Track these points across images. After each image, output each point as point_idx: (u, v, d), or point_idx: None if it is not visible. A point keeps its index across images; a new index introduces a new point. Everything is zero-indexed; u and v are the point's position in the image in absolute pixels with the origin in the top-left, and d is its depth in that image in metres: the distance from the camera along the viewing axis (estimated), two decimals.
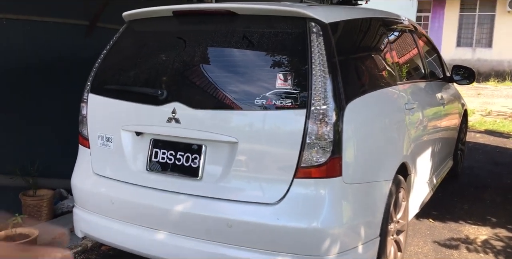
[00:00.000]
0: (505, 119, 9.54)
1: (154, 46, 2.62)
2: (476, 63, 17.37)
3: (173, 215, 2.34)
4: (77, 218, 2.78)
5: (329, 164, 2.12)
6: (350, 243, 2.24)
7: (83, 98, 2.71)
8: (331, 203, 2.15)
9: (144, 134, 2.47)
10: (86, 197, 2.70)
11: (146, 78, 2.54)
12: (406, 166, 2.87)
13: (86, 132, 2.70)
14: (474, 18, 18.00)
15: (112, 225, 2.55)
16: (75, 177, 2.76)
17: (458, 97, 4.89)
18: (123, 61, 2.67)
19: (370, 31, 2.81)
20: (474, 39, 18.12)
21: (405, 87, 3.07)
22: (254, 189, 2.21)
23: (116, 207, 2.52)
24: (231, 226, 2.20)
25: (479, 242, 3.53)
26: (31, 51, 3.68)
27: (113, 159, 2.57)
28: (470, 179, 5.22)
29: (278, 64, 2.23)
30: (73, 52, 3.84)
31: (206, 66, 2.38)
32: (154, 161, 2.43)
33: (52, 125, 3.93)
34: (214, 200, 2.27)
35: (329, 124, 2.11)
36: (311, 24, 2.23)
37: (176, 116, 2.32)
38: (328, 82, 2.13)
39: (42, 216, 3.67)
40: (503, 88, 15.69)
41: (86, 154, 2.72)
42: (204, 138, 2.29)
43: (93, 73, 2.70)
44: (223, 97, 2.26)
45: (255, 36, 2.30)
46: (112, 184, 2.57)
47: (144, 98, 2.45)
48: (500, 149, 6.81)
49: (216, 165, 2.29)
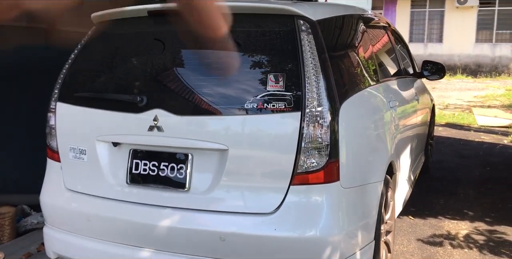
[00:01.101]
0: (462, 111, 9.80)
1: (129, 49, 2.43)
2: (428, 58, 17.80)
3: (158, 231, 2.17)
4: (48, 238, 2.54)
5: (327, 168, 2.01)
6: (349, 250, 2.14)
7: (50, 108, 2.48)
8: (329, 209, 2.04)
9: (122, 144, 2.28)
10: (58, 215, 2.47)
11: (122, 83, 2.34)
12: (392, 165, 2.81)
13: (55, 144, 2.47)
14: (424, 14, 18.50)
15: (90, 244, 2.35)
16: (45, 193, 2.53)
17: (427, 92, 4.92)
18: (94, 66, 2.46)
19: (353, 28, 2.72)
20: (426, 34, 18.63)
21: (387, 84, 3.01)
22: (247, 199, 2.07)
23: (93, 224, 2.32)
24: (224, 239, 2.05)
25: (461, 237, 3.53)
26: None
27: (88, 172, 2.36)
28: (441, 173, 5.27)
29: (267, 65, 2.09)
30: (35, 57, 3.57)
31: (189, 69, 2.22)
32: (135, 173, 2.24)
33: (12, 136, 3.65)
34: (204, 212, 2.12)
35: (325, 127, 2.00)
36: (300, 21, 2.11)
37: (158, 124, 2.15)
38: (322, 82, 2.02)
39: (5, 236, 3.39)
40: (456, 81, 16.20)
41: (56, 168, 2.49)
42: (190, 146, 2.13)
43: (60, 80, 2.47)
44: (209, 102, 2.10)
45: (241, 36, 2.16)
46: (87, 200, 2.36)
47: (121, 105, 2.26)
48: (463, 142, 6.96)
49: (205, 175, 2.13)
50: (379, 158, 2.54)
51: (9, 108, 3.63)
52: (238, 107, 2.05)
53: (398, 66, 3.71)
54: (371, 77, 2.66)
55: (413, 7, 18.55)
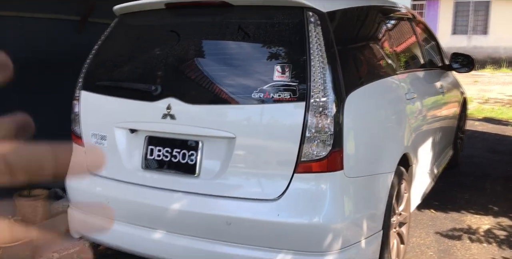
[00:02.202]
0: (502, 106, 9.50)
1: (146, 40, 2.55)
2: (472, 50, 17.30)
3: (170, 214, 2.28)
4: (72, 219, 2.71)
5: (330, 157, 2.06)
6: (353, 238, 2.19)
7: (75, 95, 2.63)
8: (332, 197, 2.09)
9: (138, 131, 2.40)
10: (81, 197, 2.63)
11: (140, 73, 2.46)
12: (407, 157, 2.82)
13: (79, 130, 2.62)
14: (469, 5, 17.91)
15: (108, 224, 2.49)
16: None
17: (457, 85, 4.83)
18: (115, 57, 2.59)
19: (369, 19, 2.74)
20: (470, 26, 18.05)
21: (404, 76, 3.00)
22: (253, 185, 2.15)
23: (111, 206, 2.46)
24: (230, 223, 2.14)
25: (481, 232, 3.49)
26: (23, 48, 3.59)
27: (107, 157, 2.50)
28: (470, 168, 5.17)
29: (275, 56, 2.16)
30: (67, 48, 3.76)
31: (201, 59, 2.31)
32: (150, 159, 2.36)
33: (46, 122, 3.85)
34: (212, 197, 2.21)
35: (329, 117, 2.05)
36: (309, 13, 2.16)
37: (171, 112, 2.25)
38: (327, 73, 2.06)
39: (38, 217, 3.60)
40: (500, 75, 15.64)
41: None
42: (201, 134, 2.22)
43: (84, 69, 2.62)
44: (219, 92, 2.19)
45: (250, 28, 2.23)
46: (107, 183, 2.50)
47: (137, 94, 2.38)
48: (499, 137, 6.78)
49: (214, 162, 2.22)
50: (390, 149, 2.56)
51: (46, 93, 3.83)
52: (245, 96, 2.12)
53: (421, 58, 3.68)
54: (385, 69, 2.67)
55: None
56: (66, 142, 0.31)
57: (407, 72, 3.14)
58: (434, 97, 3.61)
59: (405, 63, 3.22)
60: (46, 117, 3.81)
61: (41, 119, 2.82)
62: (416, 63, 3.55)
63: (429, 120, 3.38)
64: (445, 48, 15.97)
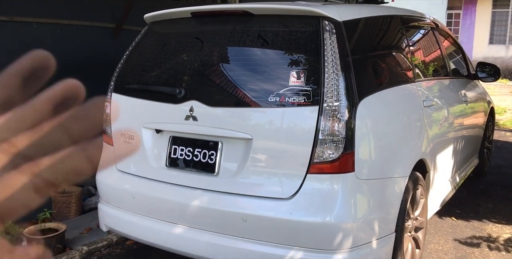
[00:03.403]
0: None
1: (173, 46, 2.71)
2: (510, 60, 16.95)
3: (190, 210, 2.42)
4: (101, 213, 2.89)
5: (342, 160, 2.16)
6: (363, 238, 2.27)
7: (107, 98, 2.82)
8: (343, 198, 2.19)
9: (163, 131, 2.56)
10: (109, 193, 2.81)
11: (166, 77, 2.63)
12: (424, 163, 2.87)
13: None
14: (507, 15, 17.54)
15: (134, 219, 2.65)
16: (100, 173, 2.88)
17: (484, 94, 4.81)
18: (143, 62, 2.77)
19: (386, 28, 2.82)
20: (508, 36, 17.66)
21: (423, 84, 3.07)
22: (268, 185, 2.27)
23: (137, 202, 2.62)
24: (246, 220, 2.26)
25: (501, 241, 3.49)
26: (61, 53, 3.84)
27: (135, 156, 2.67)
28: (497, 178, 5.13)
29: (291, 62, 2.28)
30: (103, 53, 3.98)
31: (222, 65, 2.46)
32: (173, 158, 2.52)
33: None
34: (229, 195, 2.34)
35: (341, 121, 2.15)
36: (325, 22, 2.27)
37: (193, 114, 2.40)
38: (341, 80, 2.17)
39: (71, 212, 3.82)
40: None
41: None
42: (220, 135, 2.36)
43: (116, 73, 2.81)
44: (238, 95, 2.33)
45: (270, 35, 2.36)
46: (133, 180, 2.67)
47: (163, 96, 2.54)
48: None
49: (232, 161, 2.35)
50: (404, 154, 2.63)
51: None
52: (262, 100, 2.25)
53: (443, 67, 3.72)
54: (401, 76, 2.75)
55: (494, 7, 17.66)
56: (95, 141, 0.32)
57: (427, 80, 3.20)
58: (456, 105, 3.64)
59: (425, 71, 3.28)
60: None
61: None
62: (438, 72, 3.60)
63: (450, 128, 3.42)
64: (482, 58, 15.66)
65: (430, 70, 3.41)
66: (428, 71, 3.34)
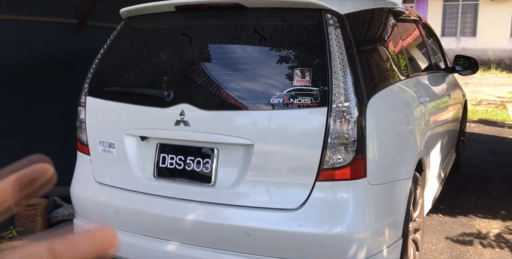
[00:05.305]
0: (496, 107, 9.54)
1: (156, 44, 2.45)
2: (461, 52, 17.34)
3: (184, 224, 2.19)
4: (78, 229, 2.60)
5: (353, 165, 1.99)
6: (376, 248, 2.11)
7: (81, 102, 2.53)
8: (356, 206, 2.02)
9: (149, 138, 2.31)
10: (88, 207, 2.52)
11: (150, 78, 2.36)
12: (421, 162, 2.76)
13: (85, 137, 2.52)
14: (458, 8, 18.04)
15: (118, 236, 2.38)
16: (75, 186, 2.59)
17: (459, 87, 4.80)
18: (123, 61, 2.49)
19: (383, 22, 2.67)
20: (459, 28, 18.17)
21: (416, 79, 2.95)
22: (273, 194, 2.07)
23: (122, 217, 2.35)
24: (249, 234, 2.05)
25: (492, 237, 3.44)
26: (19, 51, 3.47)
27: (116, 166, 2.40)
28: (473, 170, 5.14)
29: (293, 60, 2.08)
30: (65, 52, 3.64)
31: (216, 64, 2.23)
32: (162, 167, 2.27)
33: (43, 129, 3.73)
34: (229, 207, 2.12)
35: (352, 122, 1.97)
36: (327, 15, 2.08)
37: (184, 118, 2.16)
38: (349, 77, 1.99)
39: (37, 226, 3.48)
40: (489, 76, 15.77)
41: (86, 161, 2.54)
42: (216, 141, 2.13)
43: (90, 74, 2.51)
44: (235, 97, 2.10)
45: (266, 31, 2.15)
46: (116, 192, 2.40)
47: (148, 100, 2.28)
48: (496, 139, 6.78)
49: (230, 170, 2.13)
50: (408, 154, 2.49)
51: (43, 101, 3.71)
52: (263, 102, 2.04)
53: (429, 60, 3.63)
54: (400, 71, 2.61)
55: (446, 0, 18.12)
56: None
57: (418, 75, 3.09)
58: (441, 100, 3.57)
59: (416, 65, 3.16)
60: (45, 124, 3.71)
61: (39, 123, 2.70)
62: (425, 66, 3.50)
63: (438, 123, 3.33)
64: None
65: (420, 64, 3.31)
66: (419, 65, 3.23)
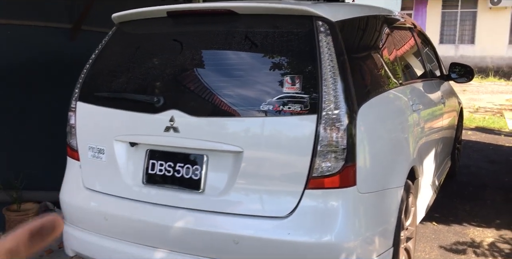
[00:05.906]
0: (493, 115, 9.54)
1: (148, 49, 2.44)
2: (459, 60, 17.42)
3: (173, 232, 2.17)
4: (67, 236, 2.57)
5: (343, 173, 1.97)
6: (366, 256, 2.09)
7: (71, 107, 2.51)
8: (345, 215, 2.00)
9: (139, 144, 2.29)
10: (77, 214, 2.50)
11: (141, 84, 2.35)
12: (414, 170, 2.74)
13: (75, 143, 2.50)
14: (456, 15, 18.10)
15: (106, 243, 2.36)
16: (64, 192, 2.57)
17: (455, 95, 4.79)
18: (114, 67, 2.48)
19: (376, 29, 2.67)
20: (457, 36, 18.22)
21: (409, 87, 2.94)
22: (262, 202, 2.05)
23: (110, 224, 2.33)
24: (237, 242, 2.03)
25: (486, 246, 3.42)
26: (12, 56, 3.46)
27: (105, 172, 2.38)
28: (468, 178, 5.12)
29: (284, 67, 2.07)
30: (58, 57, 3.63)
31: (206, 70, 2.21)
32: (151, 174, 2.25)
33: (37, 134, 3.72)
34: (218, 215, 2.10)
35: (342, 130, 1.96)
36: (318, 23, 2.08)
37: (174, 125, 2.15)
38: (339, 85, 1.98)
39: None
40: (487, 84, 15.78)
41: (75, 167, 2.52)
42: (206, 147, 2.12)
43: (81, 79, 2.50)
44: (225, 103, 2.09)
45: (258, 37, 2.14)
46: (105, 199, 2.38)
47: (138, 105, 2.27)
48: (493, 147, 6.76)
49: (220, 177, 2.12)
50: (400, 163, 2.48)
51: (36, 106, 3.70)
52: (253, 109, 2.03)
53: (423, 68, 3.62)
54: (393, 79, 2.60)
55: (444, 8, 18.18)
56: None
57: (412, 82, 3.08)
58: (436, 107, 3.55)
59: (410, 73, 3.16)
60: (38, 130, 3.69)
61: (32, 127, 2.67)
62: (420, 73, 3.49)
63: (432, 131, 3.32)
64: None
65: (414, 72, 3.30)
66: (412, 73, 3.23)
